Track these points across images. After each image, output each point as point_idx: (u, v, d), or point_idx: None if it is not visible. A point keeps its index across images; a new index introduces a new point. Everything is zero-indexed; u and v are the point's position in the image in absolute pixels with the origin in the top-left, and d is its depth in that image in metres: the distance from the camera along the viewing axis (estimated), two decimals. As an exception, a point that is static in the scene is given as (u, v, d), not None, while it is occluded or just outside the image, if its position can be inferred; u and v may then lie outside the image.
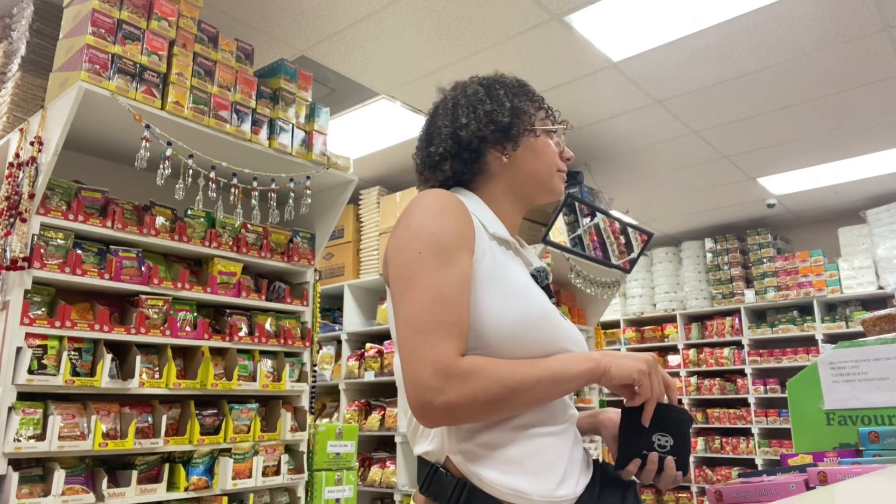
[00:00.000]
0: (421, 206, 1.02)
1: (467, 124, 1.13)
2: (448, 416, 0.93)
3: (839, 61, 3.45)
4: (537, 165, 1.16)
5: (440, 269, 0.96)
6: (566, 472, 0.99)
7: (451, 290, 0.95)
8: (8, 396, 2.04)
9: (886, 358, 1.54)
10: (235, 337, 2.65)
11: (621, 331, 7.08)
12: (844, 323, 5.63)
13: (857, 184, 5.33)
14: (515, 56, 3.38)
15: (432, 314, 0.93)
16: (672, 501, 6.42)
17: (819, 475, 1.13)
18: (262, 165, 2.72)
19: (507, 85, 1.18)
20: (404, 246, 0.99)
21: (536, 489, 0.95)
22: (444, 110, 1.17)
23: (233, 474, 2.50)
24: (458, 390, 0.90)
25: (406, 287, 0.97)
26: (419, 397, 0.92)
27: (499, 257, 1.06)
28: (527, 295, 1.03)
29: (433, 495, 0.98)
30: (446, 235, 0.99)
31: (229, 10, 3.00)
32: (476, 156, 1.14)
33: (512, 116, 1.14)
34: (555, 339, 1.02)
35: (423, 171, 1.19)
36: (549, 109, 1.21)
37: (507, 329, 0.98)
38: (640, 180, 5.19)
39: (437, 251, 0.97)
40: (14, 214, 2.16)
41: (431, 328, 0.92)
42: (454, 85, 1.21)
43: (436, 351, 0.91)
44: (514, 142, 1.14)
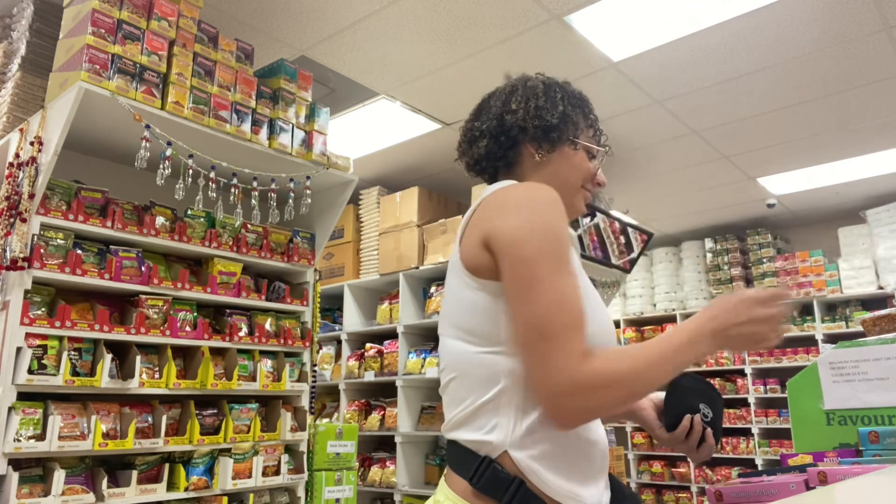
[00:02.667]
0: (538, 199, 1.01)
1: (515, 111, 1.15)
2: (586, 417, 0.97)
3: (839, 61, 3.45)
4: (568, 176, 1.17)
5: (563, 268, 0.96)
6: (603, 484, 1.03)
7: (573, 291, 0.96)
8: (8, 396, 2.04)
9: (886, 358, 1.54)
10: (235, 337, 2.65)
11: (621, 331, 7.08)
12: (844, 323, 5.63)
13: (857, 184, 5.33)
14: (515, 56, 3.38)
15: (559, 317, 0.93)
16: (672, 501, 6.42)
17: (819, 475, 1.13)
18: (262, 165, 2.72)
19: (566, 91, 1.20)
20: (524, 240, 0.97)
21: (590, 497, 0.98)
22: (500, 93, 1.20)
23: (233, 474, 2.50)
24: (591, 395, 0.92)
25: (528, 288, 0.95)
26: (557, 404, 0.93)
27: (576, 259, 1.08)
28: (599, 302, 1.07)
29: (485, 490, 0.96)
30: (563, 233, 1.00)
31: (229, 10, 3.01)
32: (511, 143, 1.16)
33: (560, 120, 1.15)
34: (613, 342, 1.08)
35: (462, 143, 1.23)
36: (600, 131, 1.23)
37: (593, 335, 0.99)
38: (640, 180, 5.19)
39: (558, 250, 0.97)
40: (14, 214, 2.16)
41: (558, 333, 0.92)
42: (521, 76, 1.23)
43: (563, 356, 0.91)
44: (551, 144, 1.16)
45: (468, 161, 1.22)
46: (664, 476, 6.47)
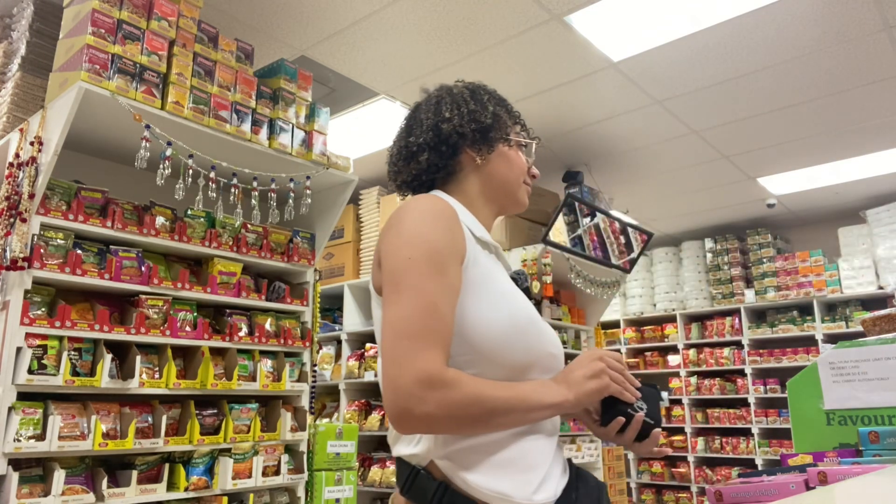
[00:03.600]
0: (414, 212, 1.03)
1: (450, 118, 1.16)
2: (424, 426, 0.94)
3: (839, 61, 3.45)
4: (508, 173, 1.21)
5: (432, 277, 0.96)
6: (546, 475, 1.01)
7: (441, 300, 0.96)
8: (8, 396, 2.04)
9: (886, 358, 1.54)
10: (235, 337, 2.65)
11: (621, 331, 7.08)
12: (844, 323, 5.63)
13: (857, 184, 5.33)
14: (515, 56, 3.39)
15: (420, 321, 0.94)
16: (672, 501, 6.42)
17: (819, 475, 1.13)
18: (262, 165, 2.72)
19: (490, 93, 1.23)
20: (396, 251, 1.00)
21: (518, 492, 0.96)
22: (426, 106, 1.21)
23: (233, 474, 2.50)
24: (440, 402, 0.91)
25: (395, 292, 0.97)
26: (400, 403, 0.91)
27: (484, 263, 1.07)
28: (514, 301, 1.05)
29: (414, 497, 0.99)
30: (439, 244, 0.99)
31: (229, 10, 3.01)
32: (453, 151, 1.17)
33: (493, 120, 1.18)
34: (541, 344, 1.05)
35: (398, 161, 1.21)
36: (524, 125, 1.26)
37: (496, 335, 1.00)
38: (640, 180, 5.19)
39: (430, 259, 0.97)
40: (14, 214, 2.16)
41: (418, 335, 0.93)
42: (439, 86, 1.25)
43: (422, 359, 0.92)
44: (489, 145, 1.18)
45: (404, 179, 1.21)
46: (664, 476, 6.47)
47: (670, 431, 6.55)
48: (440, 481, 0.97)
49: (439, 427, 0.95)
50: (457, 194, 1.18)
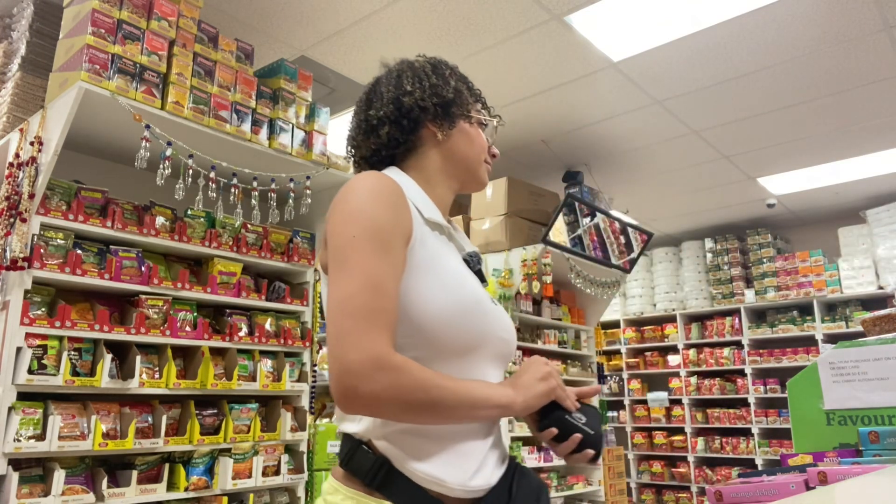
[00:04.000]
0: (359, 189, 1.00)
1: (412, 92, 1.14)
2: (369, 407, 0.92)
3: (839, 61, 3.45)
4: (469, 151, 1.18)
5: (375, 254, 0.95)
6: (482, 464, 1.00)
7: (385, 279, 0.94)
8: (8, 396, 2.04)
9: (886, 358, 1.54)
10: (235, 337, 2.65)
11: (621, 331, 7.08)
12: (844, 323, 5.63)
13: (857, 184, 5.33)
14: (515, 56, 3.39)
15: (365, 300, 0.92)
16: (672, 501, 6.42)
17: (819, 475, 1.13)
18: (262, 165, 2.72)
19: (451, 68, 1.22)
20: (340, 230, 0.98)
21: (453, 477, 0.96)
22: (387, 79, 1.18)
23: (233, 474, 2.50)
24: (386, 383, 0.89)
25: (339, 270, 0.95)
26: (346, 381, 0.89)
27: (433, 244, 1.05)
28: (461, 282, 1.03)
29: (352, 470, 0.98)
30: (383, 221, 0.97)
31: (229, 10, 3.01)
32: (413, 126, 1.14)
33: (455, 95, 1.16)
34: (487, 326, 1.04)
35: (357, 136, 1.18)
36: (485, 104, 1.25)
37: (442, 317, 0.98)
38: (640, 180, 5.19)
39: (373, 237, 0.96)
40: (14, 214, 2.16)
41: (365, 314, 0.91)
42: (399, 60, 1.22)
43: (369, 339, 0.90)
44: (451, 121, 1.16)
45: (363, 154, 1.18)
46: (664, 476, 6.47)
47: (670, 431, 6.55)
48: (379, 457, 0.96)
49: (384, 410, 0.92)
50: (415, 170, 1.16)
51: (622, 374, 7.02)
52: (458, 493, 0.96)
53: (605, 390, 6.51)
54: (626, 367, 7.01)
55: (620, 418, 6.93)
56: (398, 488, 0.95)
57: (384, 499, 0.94)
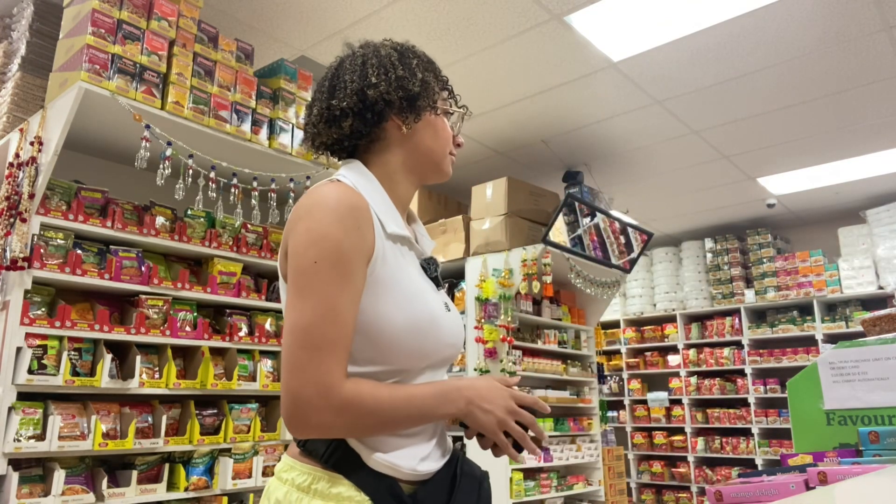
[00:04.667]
0: (324, 208, 0.99)
1: (377, 84, 1.10)
2: (319, 433, 0.96)
3: (839, 61, 3.45)
4: (434, 143, 1.16)
5: (335, 283, 0.95)
6: (430, 453, 1.05)
7: (343, 308, 0.95)
8: (8, 396, 2.04)
9: (886, 358, 1.54)
10: (235, 337, 2.65)
11: (621, 331, 7.08)
12: (844, 323, 5.63)
13: (857, 184, 5.33)
14: (515, 56, 3.39)
15: (322, 331, 0.94)
16: (672, 501, 6.42)
17: (819, 475, 1.13)
18: (262, 165, 2.72)
19: (419, 56, 1.17)
20: (303, 252, 0.97)
21: (405, 463, 1.01)
22: (351, 65, 1.13)
23: (233, 474, 2.50)
24: (336, 415, 0.93)
25: (299, 296, 0.96)
26: (296, 411, 0.93)
27: (392, 260, 1.05)
28: (416, 301, 1.04)
29: (309, 450, 1.01)
30: (346, 247, 0.97)
31: (229, 10, 3.01)
32: (378, 119, 1.11)
33: (421, 88, 1.13)
34: (439, 339, 1.06)
35: (318, 123, 1.15)
36: (452, 92, 1.22)
37: (398, 335, 1.01)
38: (640, 180, 5.19)
39: (335, 263, 0.96)
40: (14, 214, 2.16)
41: (320, 345, 0.93)
42: (364, 43, 1.18)
43: (321, 370, 0.93)
44: (416, 114, 1.13)
45: (324, 141, 1.15)
46: (664, 476, 6.47)
47: (670, 431, 6.55)
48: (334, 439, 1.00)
49: (335, 433, 0.97)
50: (377, 165, 1.14)
51: (622, 374, 7.02)
52: (407, 475, 1.00)
53: (605, 390, 6.50)
54: (626, 367, 7.01)
55: (620, 418, 6.93)
56: (352, 464, 0.99)
57: (339, 474, 0.98)
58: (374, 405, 0.95)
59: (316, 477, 0.99)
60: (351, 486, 0.97)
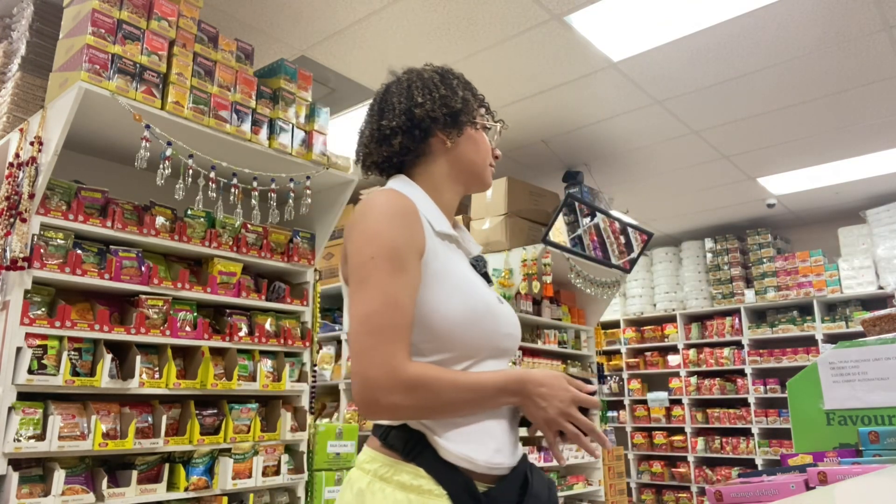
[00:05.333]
0: (376, 210, 1.08)
1: (423, 103, 1.21)
2: (389, 414, 1.04)
3: (839, 61, 3.45)
4: (476, 155, 1.26)
5: (393, 274, 1.03)
6: (501, 446, 1.09)
7: (402, 296, 1.03)
8: (8, 396, 2.04)
9: (886, 358, 1.54)
10: (235, 337, 2.65)
11: (621, 331, 7.08)
12: (844, 323, 5.63)
13: (857, 184, 5.33)
14: (515, 56, 3.38)
15: (384, 317, 1.01)
16: (672, 501, 6.42)
17: (819, 475, 1.13)
18: (262, 165, 2.72)
19: (458, 77, 1.29)
20: (359, 250, 1.06)
21: (480, 456, 1.05)
22: (398, 89, 1.25)
23: (233, 474, 2.50)
24: (404, 394, 0.99)
25: (360, 289, 1.04)
26: (367, 394, 1.00)
27: (444, 255, 1.13)
28: (472, 289, 1.12)
29: (391, 444, 1.07)
30: (399, 242, 1.05)
31: (229, 10, 3.01)
32: (424, 135, 1.22)
33: (462, 104, 1.24)
34: (496, 328, 1.13)
35: (370, 144, 1.25)
36: (488, 108, 1.32)
37: (457, 323, 1.08)
38: (640, 180, 5.19)
39: (391, 257, 1.04)
40: (14, 214, 2.16)
41: (383, 330, 1.01)
42: (407, 69, 1.30)
43: (387, 352, 1.00)
44: (459, 129, 1.23)
45: (375, 160, 1.26)
46: (664, 476, 6.47)
47: (670, 431, 6.55)
48: (414, 432, 1.05)
49: (403, 414, 1.04)
50: (424, 177, 1.23)
51: (622, 374, 7.02)
52: (483, 468, 1.05)
53: (605, 390, 6.50)
54: (626, 367, 7.01)
55: (620, 418, 6.93)
56: (430, 459, 1.04)
57: (419, 467, 1.03)
58: (438, 387, 1.01)
59: (397, 469, 1.04)
60: (430, 479, 1.02)
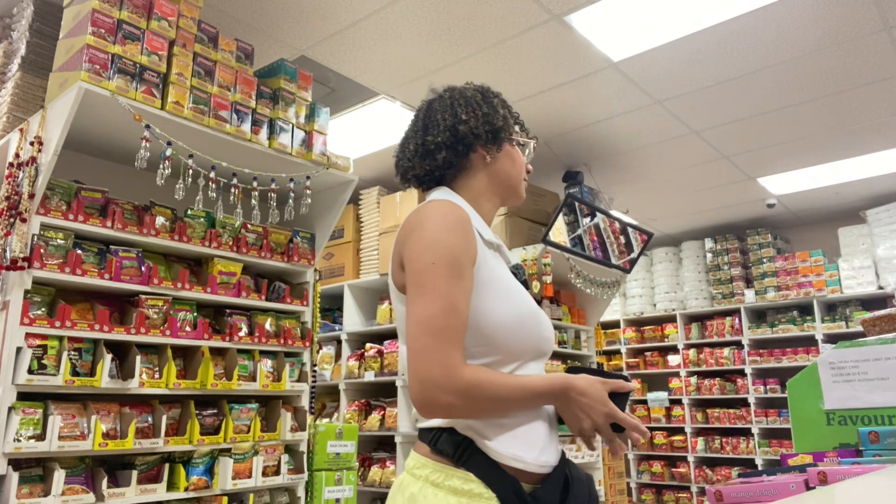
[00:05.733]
0: (434, 219, 1.15)
1: (467, 120, 1.27)
2: (444, 413, 1.09)
3: (839, 61, 3.45)
4: (512, 170, 1.34)
5: (451, 280, 1.09)
6: (545, 446, 1.15)
7: (459, 301, 1.09)
8: (8, 396, 2.04)
9: (886, 358, 1.54)
10: (235, 337, 2.65)
11: (621, 331, 7.08)
12: (844, 323, 5.63)
13: (857, 184, 5.33)
14: (515, 56, 3.38)
15: (443, 320, 1.07)
16: (672, 501, 6.42)
17: (819, 475, 1.13)
18: (262, 165, 2.72)
19: (497, 96, 1.36)
20: (419, 255, 1.12)
21: (527, 455, 1.11)
22: (441, 106, 1.31)
23: (233, 474, 2.50)
24: (460, 395, 1.05)
25: (420, 293, 1.10)
26: (426, 393, 1.05)
27: (492, 262, 1.20)
28: (519, 296, 1.19)
29: (441, 449, 1.11)
30: (457, 250, 1.12)
31: (229, 10, 3.01)
32: (467, 150, 1.28)
33: (503, 122, 1.31)
34: (539, 332, 1.20)
35: (413, 157, 1.31)
36: (523, 126, 1.39)
37: (504, 328, 1.14)
38: (640, 180, 5.19)
39: (450, 264, 1.10)
40: (14, 214, 2.16)
41: (442, 332, 1.06)
42: (449, 87, 1.36)
43: (445, 354, 1.05)
44: (498, 144, 1.30)
45: (417, 173, 1.31)
46: (664, 476, 6.47)
47: (670, 431, 6.55)
48: (464, 437, 1.11)
49: (458, 413, 1.09)
50: (465, 189, 1.30)
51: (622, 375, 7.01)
52: (532, 467, 1.11)
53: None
54: (626, 367, 7.01)
55: (620, 418, 6.93)
56: (480, 464, 1.09)
57: (469, 471, 1.08)
58: (491, 389, 1.07)
59: (448, 474, 1.09)
60: (480, 483, 1.07)
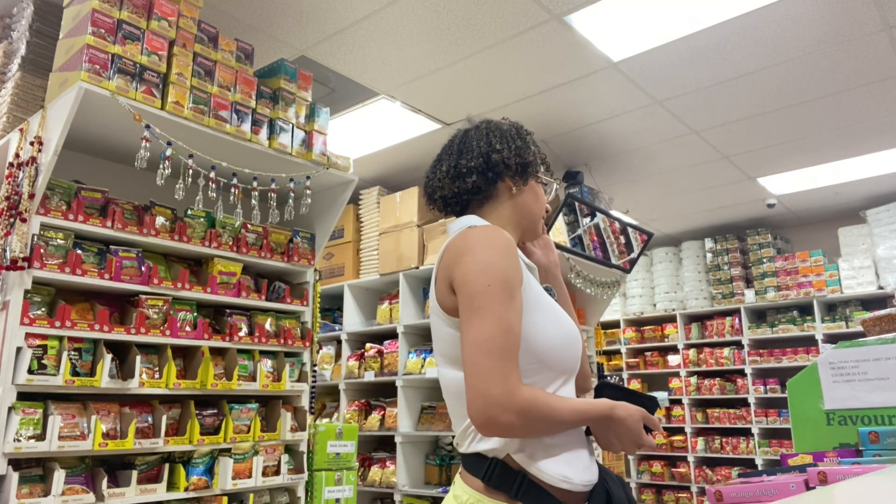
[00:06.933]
0: (486, 243, 1.18)
1: (500, 150, 1.33)
2: (504, 431, 1.11)
3: (839, 61, 3.45)
4: (534, 205, 1.39)
5: (505, 302, 1.13)
6: (588, 464, 1.20)
7: (513, 322, 1.13)
8: (8, 396, 2.04)
9: (886, 358, 1.54)
10: (235, 337, 2.65)
11: (621, 331, 7.08)
12: (844, 323, 5.63)
13: (857, 184, 5.33)
14: (515, 56, 3.38)
15: (501, 341, 1.10)
16: (672, 501, 6.42)
17: (819, 475, 1.13)
18: (262, 165, 2.72)
19: (530, 133, 1.43)
20: (474, 278, 1.15)
21: (575, 475, 1.15)
22: (477, 135, 1.37)
23: (233, 474, 2.50)
24: (520, 414, 1.08)
25: (477, 315, 1.12)
26: (486, 411, 1.08)
27: (533, 285, 1.24)
28: (560, 317, 1.24)
29: (496, 485, 1.14)
30: (509, 273, 1.16)
31: (229, 10, 3.00)
32: (496, 178, 1.34)
33: (533, 158, 1.37)
34: (578, 349, 1.25)
35: (444, 178, 1.36)
36: (549, 167, 1.45)
37: (553, 346, 1.19)
38: (640, 180, 5.19)
39: (503, 286, 1.14)
40: (14, 214, 2.16)
41: (501, 353, 1.09)
42: (485, 120, 1.42)
43: (503, 374, 1.08)
44: (525, 178, 1.36)
45: (444, 194, 1.36)
46: (664, 476, 6.47)
47: (670, 431, 6.55)
48: (519, 472, 1.13)
49: (516, 432, 1.12)
50: (492, 217, 1.34)
51: (622, 374, 7.02)
52: (579, 487, 1.15)
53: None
54: (626, 367, 7.01)
55: (620, 418, 6.92)
56: (534, 497, 1.12)
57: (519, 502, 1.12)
58: (547, 410, 1.11)
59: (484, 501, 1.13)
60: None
